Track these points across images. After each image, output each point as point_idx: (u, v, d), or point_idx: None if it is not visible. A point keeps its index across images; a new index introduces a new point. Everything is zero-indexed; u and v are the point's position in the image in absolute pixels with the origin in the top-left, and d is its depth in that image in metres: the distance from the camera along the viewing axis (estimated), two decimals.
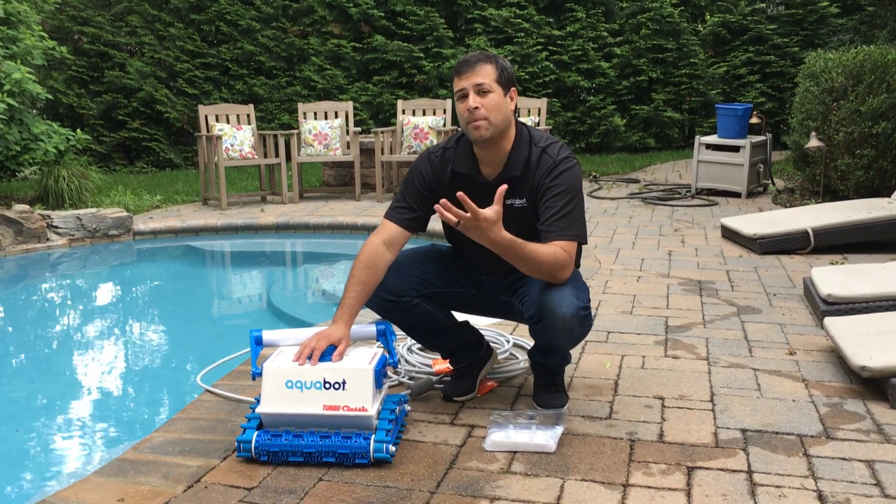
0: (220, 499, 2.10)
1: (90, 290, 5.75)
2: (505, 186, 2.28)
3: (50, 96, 8.14)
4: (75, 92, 11.08)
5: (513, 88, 2.49)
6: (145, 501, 2.09)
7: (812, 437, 2.43)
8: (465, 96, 2.43)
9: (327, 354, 2.34)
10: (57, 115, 11.04)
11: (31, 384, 3.81)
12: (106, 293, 5.70)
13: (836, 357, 3.11)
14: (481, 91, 2.41)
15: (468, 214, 2.21)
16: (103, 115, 11.15)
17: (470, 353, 2.78)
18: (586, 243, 2.54)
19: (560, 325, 2.39)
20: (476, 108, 2.40)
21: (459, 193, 2.23)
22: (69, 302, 5.50)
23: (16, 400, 3.58)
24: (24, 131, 6.96)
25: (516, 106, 2.54)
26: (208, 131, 7.62)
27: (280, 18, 11.42)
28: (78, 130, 7.58)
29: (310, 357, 2.32)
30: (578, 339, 2.52)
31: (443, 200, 2.23)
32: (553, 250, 2.38)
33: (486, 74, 2.41)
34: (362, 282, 2.44)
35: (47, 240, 6.38)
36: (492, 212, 2.24)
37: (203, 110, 7.73)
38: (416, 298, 2.60)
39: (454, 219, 2.22)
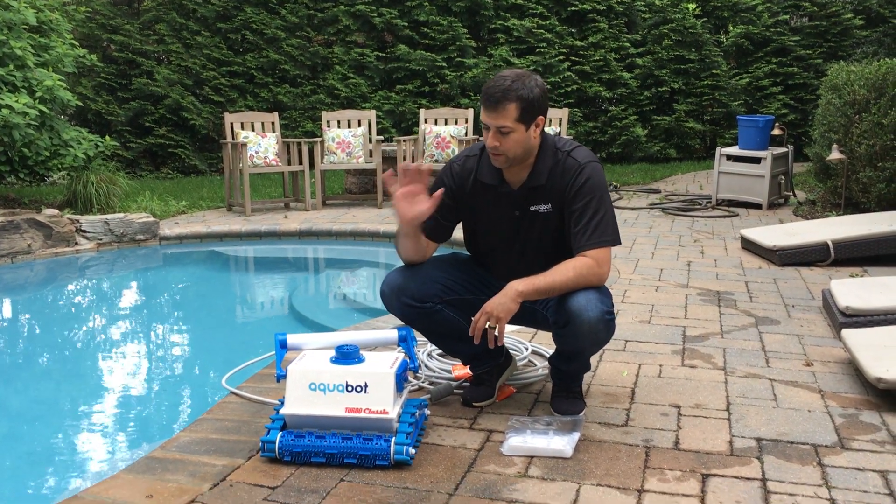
0: (245, 497, 2.17)
1: (117, 294, 5.86)
2: None
3: (79, 103, 8.30)
4: (104, 99, 11.28)
5: (539, 117, 2.51)
6: (173, 498, 2.16)
7: (827, 447, 2.45)
8: (488, 129, 2.51)
9: (351, 358, 2.40)
10: (85, 122, 11.24)
11: (60, 385, 3.90)
12: (133, 297, 5.81)
13: (853, 369, 3.13)
14: (501, 132, 2.48)
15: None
16: (131, 121, 11.33)
17: (489, 359, 2.83)
18: (620, 244, 2.60)
19: (586, 328, 2.45)
20: (495, 145, 2.50)
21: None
22: (97, 305, 5.61)
23: (45, 400, 3.67)
24: (54, 137, 7.12)
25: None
26: (233, 138, 7.75)
27: (305, 28, 11.56)
28: (106, 137, 7.74)
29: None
30: (602, 344, 2.58)
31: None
32: (572, 265, 2.46)
33: (507, 116, 2.46)
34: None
35: (76, 244, 6.51)
36: (502, 297, 2.44)
37: (228, 118, 7.86)
38: (438, 304, 2.65)
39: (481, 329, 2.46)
